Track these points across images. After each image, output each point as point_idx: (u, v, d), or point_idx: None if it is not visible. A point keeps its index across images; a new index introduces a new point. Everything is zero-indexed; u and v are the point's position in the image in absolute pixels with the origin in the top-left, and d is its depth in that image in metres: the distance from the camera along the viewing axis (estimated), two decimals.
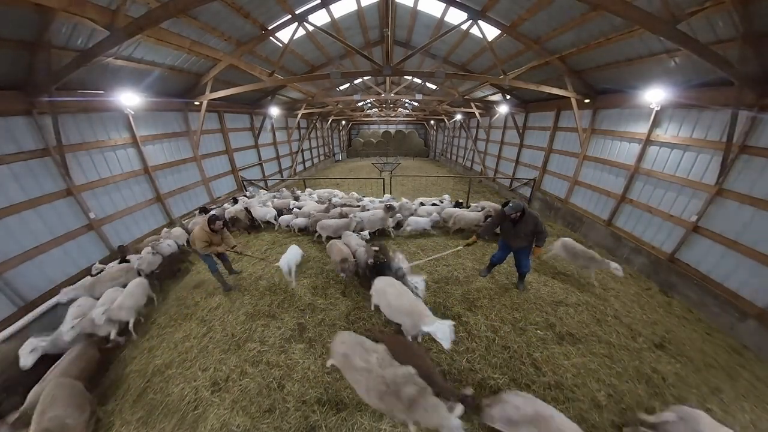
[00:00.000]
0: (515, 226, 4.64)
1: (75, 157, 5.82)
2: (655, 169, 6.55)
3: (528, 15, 6.21)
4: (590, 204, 8.57)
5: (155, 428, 3.18)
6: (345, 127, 29.49)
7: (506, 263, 5.58)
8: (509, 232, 4.79)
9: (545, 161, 10.76)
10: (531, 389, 3.42)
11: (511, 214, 4.52)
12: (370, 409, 3.21)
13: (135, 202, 7.14)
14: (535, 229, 4.53)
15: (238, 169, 11.46)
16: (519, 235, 4.69)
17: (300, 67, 10.69)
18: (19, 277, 4.85)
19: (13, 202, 4.83)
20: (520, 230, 4.62)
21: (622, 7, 3.56)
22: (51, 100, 4.99)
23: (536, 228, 4.52)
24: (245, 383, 3.58)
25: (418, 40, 10.19)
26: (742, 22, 3.96)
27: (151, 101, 7.23)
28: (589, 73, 7.42)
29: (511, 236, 4.82)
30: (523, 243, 4.79)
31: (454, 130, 22.82)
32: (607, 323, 4.58)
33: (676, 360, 3.96)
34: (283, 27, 7.27)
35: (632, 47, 5.69)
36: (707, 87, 5.27)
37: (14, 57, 4.41)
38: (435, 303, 4.84)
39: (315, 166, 21.83)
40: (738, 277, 4.94)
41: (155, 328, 4.70)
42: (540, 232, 4.54)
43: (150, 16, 3.75)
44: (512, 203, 4.60)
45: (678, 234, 5.97)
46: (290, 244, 5.75)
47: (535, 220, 4.51)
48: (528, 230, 4.58)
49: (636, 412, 3.14)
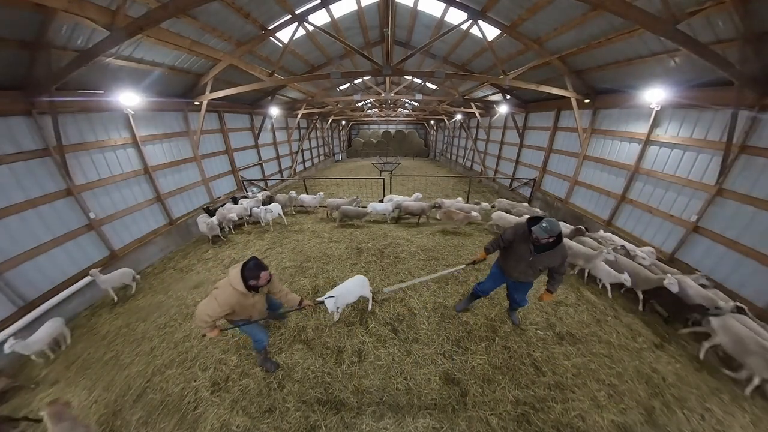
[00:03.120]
0: (536, 254, 3.25)
1: (75, 157, 5.82)
2: (655, 169, 6.55)
3: (528, 15, 6.21)
4: (590, 204, 8.57)
5: (155, 428, 3.17)
6: (345, 127, 29.49)
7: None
8: (520, 258, 3.41)
9: (545, 161, 10.76)
10: (531, 389, 3.42)
11: (541, 238, 3.05)
12: (370, 409, 3.22)
13: (135, 202, 7.14)
14: (559, 267, 3.28)
15: (238, 169, 11.45)
16: (535, 267, 3.35)
17: (300, 67, 10.69)
18: (19, 277, 4.84)
19: (13, 202, 4.83)
20: (540, 262, 3.29)
21: (623, 7, 3.56)
22: (51, 100, 4.99)
23: (561, 266, 3.28)
24: (245, 383, 3.58)
25: (418, 40, 10.19)
26: (742, 22, 3.96)
27: (151, 101, 7.22)
28: (589, 73, 7.42)
29: (519, 264, 3.46)
30: (530, 277, 3.56)
31: (454, 130, 22.82)
32: (607, 323, 4.57)
33: (676, 360, 3.96)
34: (283, 27, 7.27)
35: (632, 47, 5.69)
36: (707, 87, 5.27)
37: (14, 57, 4.41)
38: (435, 303, 4.83)
39: (315, 166, 21.83)
40: (738, 277, 4.95)
41: (155, 328, 4.70)
42: (562, 273, 3.37)
43: (150, 16, 3.75)
44: (547, 221, 3.05)
45: (678, 234, 5.97)
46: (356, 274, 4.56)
47: (565, 254, 3.24)
48: (550, 264, 3.29)
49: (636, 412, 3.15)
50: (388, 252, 6.57)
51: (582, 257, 5.59)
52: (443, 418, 3.12)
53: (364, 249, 6.77)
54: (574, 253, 5.66)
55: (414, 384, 3.49)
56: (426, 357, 3.85)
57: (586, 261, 5.52)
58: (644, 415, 3.19)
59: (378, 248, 6.76)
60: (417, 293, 5.06)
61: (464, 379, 3.54)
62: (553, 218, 3.14)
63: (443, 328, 4.31)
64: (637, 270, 5.07)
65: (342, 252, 6.71)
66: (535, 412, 3.18)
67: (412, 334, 4.22)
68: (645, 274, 4.96)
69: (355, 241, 7.30)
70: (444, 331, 4.27)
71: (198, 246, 7.90)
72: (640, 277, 4.97)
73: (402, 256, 6.37)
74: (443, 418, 3.13)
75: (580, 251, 5.64)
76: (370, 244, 7.04)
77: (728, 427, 3.11)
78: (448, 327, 4.33)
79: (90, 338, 4.71)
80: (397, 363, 3.77)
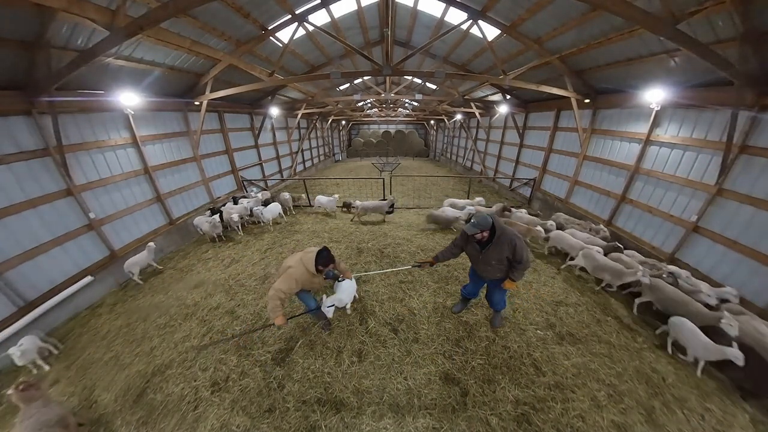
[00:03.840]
0: (483, 250, 3.42)
1: (75, 157, 5.82)
2: (655, 169, 6.55)
3: (528, 15, 6.21)
4: (590, 204, 8.57)
5: (155, 428, 3.18)
6: (345, 127, 29.50)
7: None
8: (476, 257, 3.60)
9: (545, 161, 10.76)
10: (531, 389, 3.43)
11: (474, 234, 3.25)
12: (370, 409, 3.22)
13: (135, 202, 7.14)
14: (513, 255, 3.30)
15: (238, 169, 11.46)
16: (488, 263, 3.47)
17: (300, 67, 10.69)
18: (19, 277, 4.85)
19: (13, 202, 4.83)
20: (490, 256, 3.40)
21: (622, 7, 3.55)
22: (51, 100, 4.99)
23: (515, 254, 3.29)
24: (245, 383, 3.58)
25: (418, 40, 10.18)
26: (742, 22, 3.96)
27: (151, 101, 7.23)
28: (589, 73, 7.42)
29: (478, 263, 3.66)
30: (495, 273, 3.58)
31: (454, 130, 22.82)
32: (607, 323, 4.57)
33: (676, 360, 3.96)
34: (283, 27, 7.27)
35: (632, 47, 5.69)
36: (707, 87, 5.27)
37: (14, 57, 4.41)
38: (435, 303, 4.83)
39: (315, 166, 21.83)
40: (738, 277, 4.94)
41: (155, 328, 4.71)
42: (519, 261, 3.32)
43: (150, 16, 3.75)
44: (476, 218, 3.26)
45: (678, 234, 5.97)
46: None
47: (513, 242, 3.24)
48: (501, 257, 3.35)
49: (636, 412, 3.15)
50: (388, 252, 6.57)
51: (610, 272, 5.16)
52: (443, 418, 3.12)
53: (364, 249, 6.77)
54: (601, 266, 5.30)
55: (414, 384, 3.49)
56: (426, 357, 3.85)
57: (614, 276, 5.11)
58: (644, 415, 3.19)
59: (378, 248, 6.76)
60: (417, 293, 5.07)
61: (464, 379, 3.54)
62: (482, 214, 3.29)
63: (443, 328, 4.31)
64: (686, 301, 4.30)
65: (342, 252, 6.71)
66: (535, 412, 3.18)
67: (412, 334, 4.22)
68: (696, 308, 4.20)
69: (355, 241, 7.30)
70: (444, 331, 4.27)
71: (198, 246, 7.90)
72: (690, 311, 4.19)
73: (402, 256, 6.37)
74: (443, 418, 3.13)
75: (608, 265, 5.23)
76: (370, 244, 7.04)
77: (728, 427, 3.11)
78: (448, 327, 4.33)
79: (90, 338, 4.71)
80: (397, 363, 3.77)
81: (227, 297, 5.32)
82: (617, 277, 5.09)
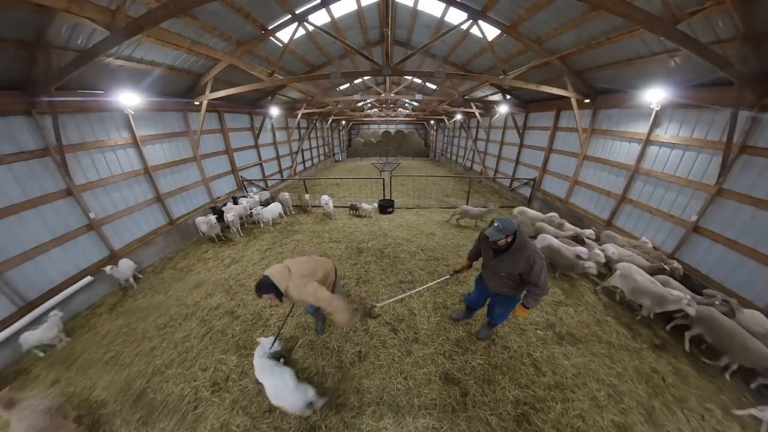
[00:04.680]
0: (494, 258, 3.01)
1: (75, 157, 5.82)
2: (655, 169, 6.55)
3: (528, 15, 6.21)
4: (590, 204, 8.57)
5: (155, 428, 3.18)
6: (345, 127, 29.47)
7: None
8: (486, 264, 3.22)
9: (545, 161, 10.75)
10: (531, 389, 3.43)
11: (496, 240, 2.81)
12: (370, 409, 3.22)
13: (135, 202, 7.14)
14: (528, 276, 2.79)
15: (238, 169, 11.45)
16: (497, 273, 3.05)
17: (300, 67, 10.68)
18: (19, 277, 4.84)
19: (13, 202, 4.82)
20: (501, 267, 2.96)
21: (622, 7, 3.55)
22: (51, 100, 4.98)
23: (530, 274, 2.76)
24: (245, 383, 3.58)
25: (418, 40, 10.17)
26: (742, 22, 3.96)
27: (151, 101, 7.22)
28: (589, 73, 7.42)
29: (487, 271, 3.28)
30: (500, 287, 3.18)
31: (454, 130, 22.81)
32: (607, 323, 4.57)
33: (676, 360, 3.96)
34: (283, 27, 7.26)
35: (632, 47, 5.69)
36: (707, 87, 5.27)
37: (14, 57, 4.40)
38: (435, 303, 4.83)
39: (315, 166, 21.81)
40: (738, 277, 4.94)
41: (155, 328, 4.70)
42: (536, 284, 2.79)
43: (150, 16, 3.75)
44: (499, 220, 2.76)
45: (678, 234, 5.97)
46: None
47: (532, 259, 2.72)
48: (512, 272, 2.88)
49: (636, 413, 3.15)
50: (388, 252, 6.58)
51: (650, 296, 4.40)
52: (443, 418, 3.12)
53: (364, 249, 6.78)
54: (640, 288, 4.51)
55: (414, 384, 3.49)
56: (426, 357, 3.85)
57: (655, 303, 4.35)
58: (644, 415, 3.19)
59: (378, 248, 6.77)
60: (417, 293, 5.06)
61: (464, 379, 3.54)
62: (508, 217, 2.80)
63: (443, 328, 4.31)
64: (744, 339, 3.62)
65: (342, 252, 6.71)
66: (535, 412, 3.18)
67: (412, 334, 4.22)
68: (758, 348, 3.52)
69: (355, 241, 7.30)
70: (444, 331, 4.27)
71: (198, 246, 7.90)
72: (747, 349, 3.56)
73: (402, 256, 6.37)
74: (443, 418, 3.13)
75: (650, 289, 4.41)
76: (370, 244, 7.05)
77: (728, 427, 3.11)
78: (448, 327, 4.33)
79: (90, 338, 4.71)
80: (397, 363, 3.77)
81: (227, 297, 5.32)
82: (659, 304, 4.33)
